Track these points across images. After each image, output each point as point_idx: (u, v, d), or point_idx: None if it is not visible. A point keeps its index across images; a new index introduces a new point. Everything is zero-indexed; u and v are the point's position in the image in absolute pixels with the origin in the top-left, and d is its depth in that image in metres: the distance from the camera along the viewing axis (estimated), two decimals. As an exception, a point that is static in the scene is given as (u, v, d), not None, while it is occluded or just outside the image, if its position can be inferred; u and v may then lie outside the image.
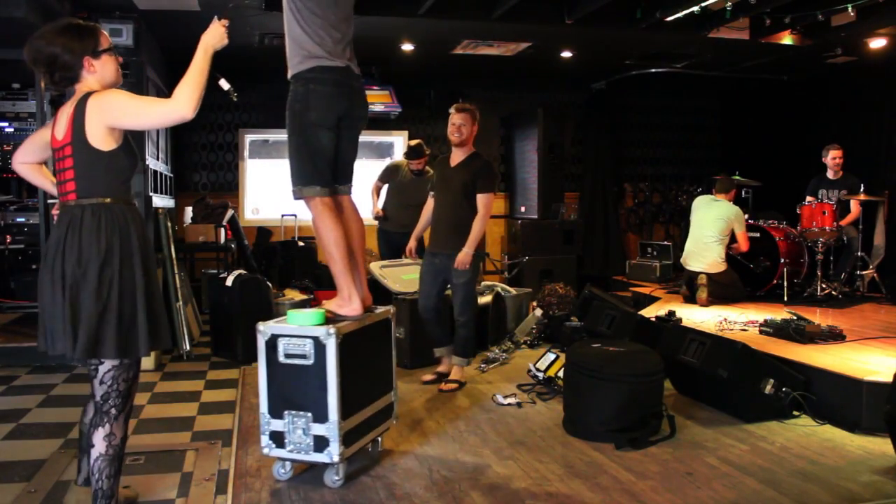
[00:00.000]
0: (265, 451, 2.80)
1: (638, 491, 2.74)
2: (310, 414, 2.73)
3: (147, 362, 4.54)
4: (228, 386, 4.31)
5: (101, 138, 2.22)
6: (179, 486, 2.80)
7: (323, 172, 2.89)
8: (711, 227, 5.77)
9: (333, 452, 2.72)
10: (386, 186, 6.18)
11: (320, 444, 2.73)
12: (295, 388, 2.74)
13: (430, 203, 4.46)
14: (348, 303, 2.93)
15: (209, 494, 2.72)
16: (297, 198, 2.93)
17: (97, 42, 2.29)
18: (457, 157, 4.27)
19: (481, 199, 4.15)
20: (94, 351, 2.20)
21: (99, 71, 2.30)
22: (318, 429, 2.72)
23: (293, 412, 2.75)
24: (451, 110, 4.23)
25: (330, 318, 2.83)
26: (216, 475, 2.89)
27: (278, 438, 2.78)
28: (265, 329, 2.77)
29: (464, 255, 4.10)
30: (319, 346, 2.69)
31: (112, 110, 2.22)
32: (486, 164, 4.27)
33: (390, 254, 5.92)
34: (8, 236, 5.64)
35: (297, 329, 2.74)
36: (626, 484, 2.80)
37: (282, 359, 2.75)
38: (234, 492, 2.74)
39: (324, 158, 2.89)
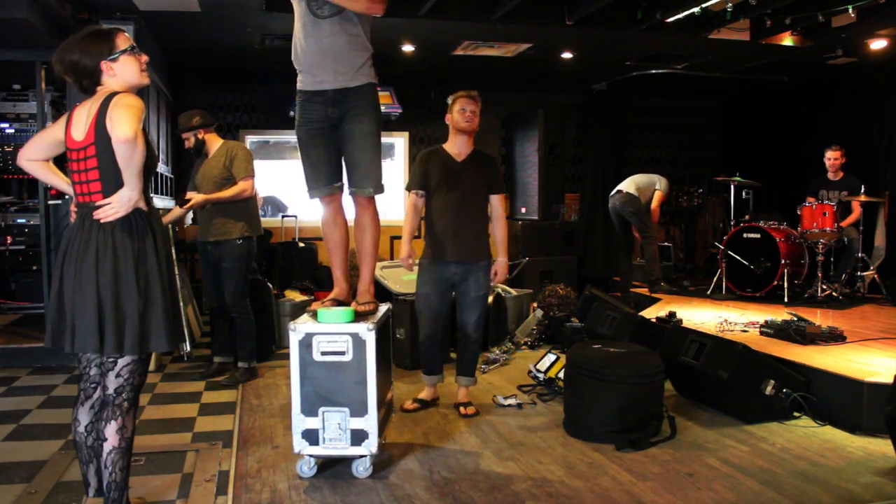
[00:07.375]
0: (297, 449, 2.84)
1: (638, 492, 2.74)
2: (347, 409, 2.80)
3: (147, 363, 4.52)
4: (229, 387, 4.30)
5: None
6: (180, 487, 2.80)
7: None
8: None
9: (372, 444, 2.83)
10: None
11: (358, 437, 2.82)
12: (330, 385, 2.80)
13: (415, 202, 3.79)
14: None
15: (209, 495, 2.71)
16: (371, 194, 3.02)
17: (112, 45, 2.30)
18: (462, 150, 3.74)
19: (499, 200, 3.78)
20: (143, 346, 2.25)
21: (119, 73, 2.31)
22: (357, 423, 2.81)
23: (328, 409, 2.81)
24: (460, 95, 3.69)
25: (360, 314, 2.91)
26: (216, 476, 2.89)
27: (311, 436, 2.83)
28: (299, 328, 2.80)
29: (504, 266, 3.75)
30: (359, 342, 2.78)
31: (114, 108, 2.20)
32: (494, 160, 3.98)
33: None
34: (8, 237, 5.64)
35: (333, 327, 2.79)
36: (627, 485, 2.80)
37: (316, 357, 2.79)
38: (235, 493, 2.74)
39: None
